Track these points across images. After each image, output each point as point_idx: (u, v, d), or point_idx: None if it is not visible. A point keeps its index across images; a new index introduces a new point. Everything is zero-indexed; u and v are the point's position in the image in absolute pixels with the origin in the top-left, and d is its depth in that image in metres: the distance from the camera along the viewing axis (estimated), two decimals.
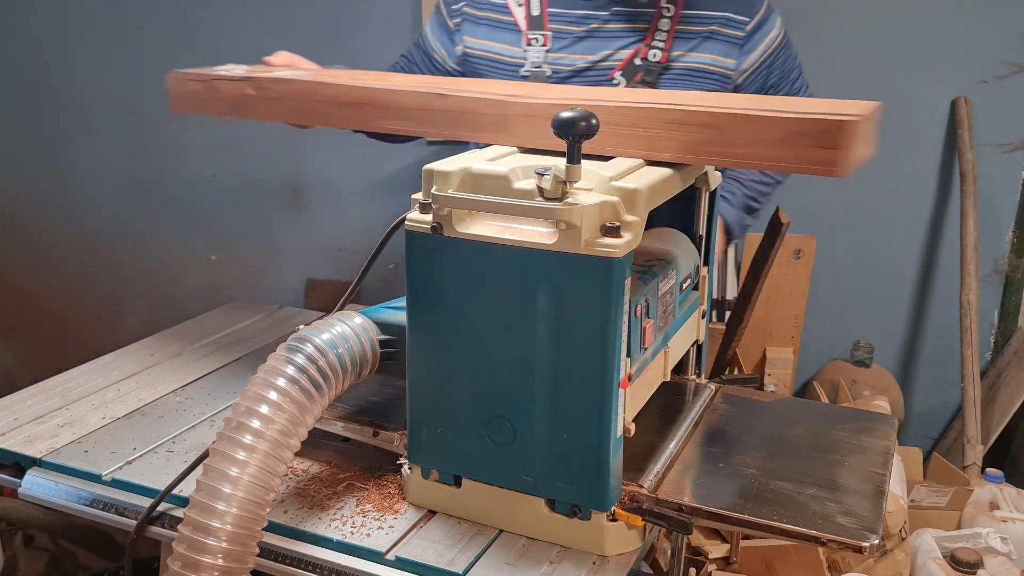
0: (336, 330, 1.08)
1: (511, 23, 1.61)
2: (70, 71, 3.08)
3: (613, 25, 1.57)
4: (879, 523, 0.99)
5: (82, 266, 3.27)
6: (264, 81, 1.32)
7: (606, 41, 1.58)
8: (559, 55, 1.58)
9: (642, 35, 1.57)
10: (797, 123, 0.97)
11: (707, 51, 1.58)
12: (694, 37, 1.57)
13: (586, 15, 1.59)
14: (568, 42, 1.58)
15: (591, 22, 1.58)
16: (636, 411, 1.09)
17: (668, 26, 1.56)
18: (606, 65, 1.57)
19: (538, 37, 1.58)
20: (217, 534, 0.93)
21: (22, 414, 1.34)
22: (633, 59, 1.56)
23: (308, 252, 3.19)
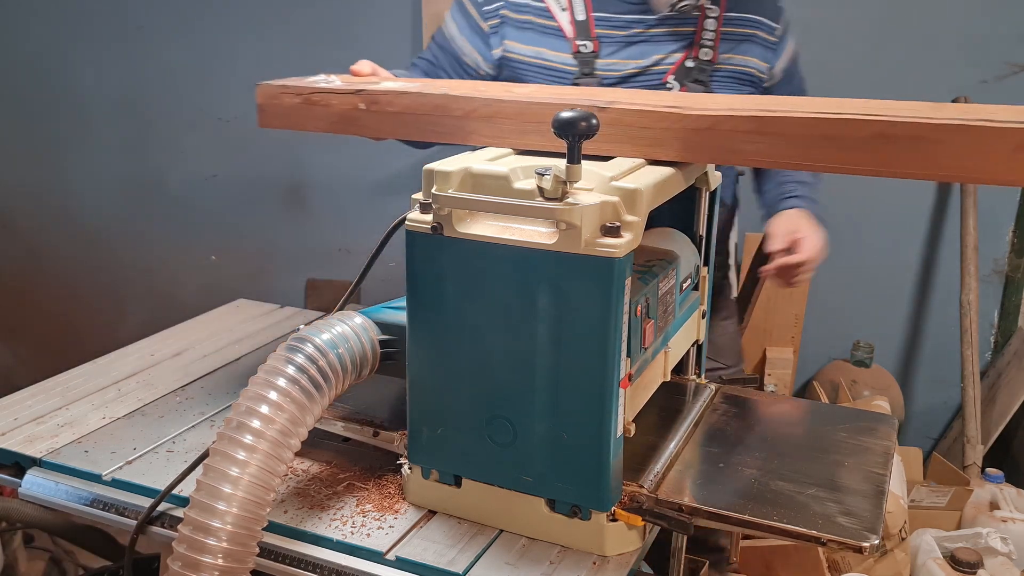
0: (336, 330, 1.08)
1: (555, 28, 1.57)
2: (70, 71, 3.08)
3: (659, 30, 1.54)
4: (879, 523, 0.99)
5: (82, 266, 3.27)
6: (378, 94, 1.20)
7: (655, 45, 1.55)
8: (608, 61, 1.55)
9: (688, 39, 1.55)
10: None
11: (747, 53, 1.58)
12: (736, 39, 1.56)
13: (632, 20, 1.55)
14: (616, 47, 1.55)
15: (636, 27, 1.55)
16: (636, 411, 1.09)
17: (714, 26, 1.55)
18: (657, 69, 1.54)
19: (587, 44, 1.54)
20: (217, 534, 0.93)
21: (22, 414, 1.34)
22: (685, 61, 1.54)
23: (308, 252, 3.19)
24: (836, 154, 0.97)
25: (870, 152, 0.95)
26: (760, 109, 1.00)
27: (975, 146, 0.91)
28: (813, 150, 0.98)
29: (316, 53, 2.94)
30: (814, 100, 1.19)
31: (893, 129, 0.94)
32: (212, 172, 3.14)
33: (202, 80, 3.04)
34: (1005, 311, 2.78)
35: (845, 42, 2.83)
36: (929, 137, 0.93)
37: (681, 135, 1.03)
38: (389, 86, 1.22)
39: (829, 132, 0.96)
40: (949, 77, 2.74)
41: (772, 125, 0.99)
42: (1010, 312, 2.78)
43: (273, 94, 1.29)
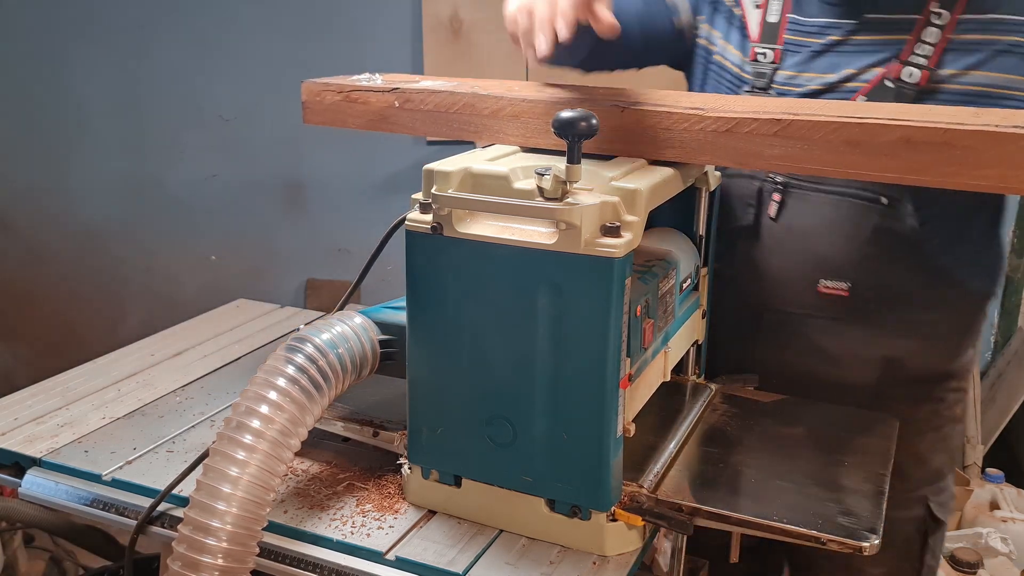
0: (336, 330, 1.08)
1: (741, 22, 1.36)
2: (70, 71, 3.08)
3: (860, 37, 1.27)
4: (879, 523, 1.00)
5: (82, 266, 3.27)
6: (412, 93, 1.21)
7: (849, 57, 1.28)
8: (789, 73, 1.31)
9: (897, 48, 1.25)
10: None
11: (999, 68, 1.21)
12: (980, 49, 1.21)
13: (828, 25, 1.29)
14: (802, 58, 1.30)
15: (832, 33, 1.29)
16: (636, 411, 1.09)
17: (936, 36, 1.22)
18: (848, 87, 1.27)
19: (766, 52, 1.32)
20: (217, 534, 0.93)
21: (22, 414, 1.34)
22: (883, 80, 1.25)
23: (308, 252, 3.19)
24: (860, 159, 0.95)
25: (895, 158, 0.93)
26: (783, 112, 0.99)
27: (1006, 154, 0.88)
28: (836, 155, 0.96)
29: (316, 53, 2.95)
30: (844, 104, 1.17)
31: (919, 135, 0.91)
32: (212, 172, 3.14)
33: (202, 80, 3.04)
34: (1005, 311, 2.78)
35: None
36: (957, 144, 0.90)
37: (700, 136, 1.03)
38: (424, 85, 1.23)
39: (853, 137, 0.95)
40: None
41: (794, 129, 0.97)
42: (1010, 312, 2.78)
43: (316, 91, 1.31)
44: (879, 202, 1.26)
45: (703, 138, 1.03)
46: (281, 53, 2.97)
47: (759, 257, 1.36)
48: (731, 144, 1.02)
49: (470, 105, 1.16)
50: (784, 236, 1.33)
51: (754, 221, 1.35)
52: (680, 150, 1.05)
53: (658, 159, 1.08)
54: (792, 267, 1.34)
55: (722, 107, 1.03)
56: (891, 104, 1.20)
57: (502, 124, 1.14)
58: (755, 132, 1.00)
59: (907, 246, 1.28)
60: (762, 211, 1.35)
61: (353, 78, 1.34)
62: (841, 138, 0.95)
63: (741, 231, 1.38)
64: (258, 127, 3.08)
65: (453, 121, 1.18)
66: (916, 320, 1.33)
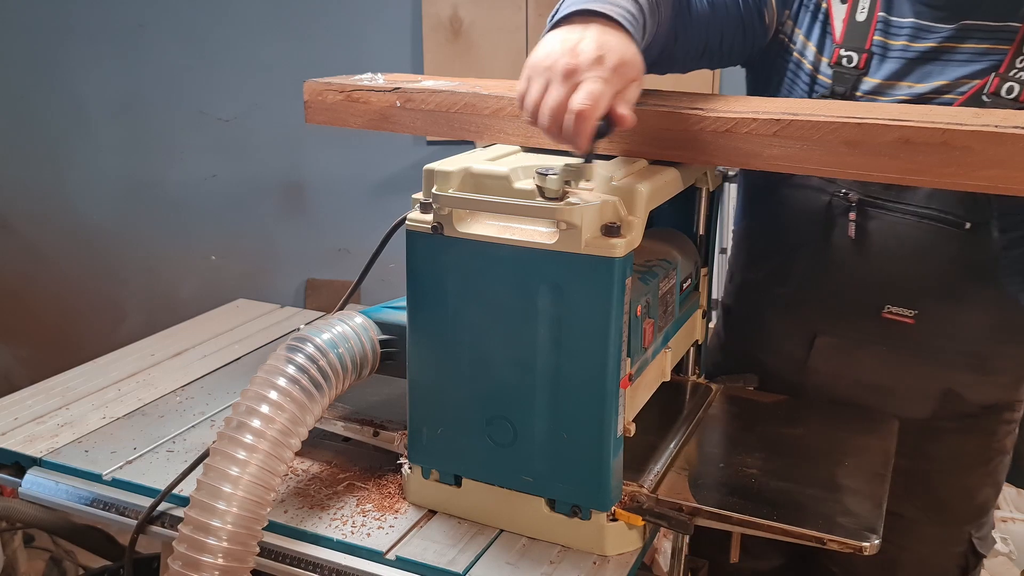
0: (336, 330, 1.08)
1: (827, 17, 1.24)
2: (70, 71, 3.08)
3: (957, 45, 1.16)
4: (879, 523, 1.00)
5: (82, 266, 3.27)
6: (413, 93, 1.20)
7: (943, 67, 1.17)
8: (876, 82, 1.21)
9: (997, 60, 1.14)
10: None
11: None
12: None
13: (922, 28, 1.18)
14: (891, 66, 1.20)
15: (927, 39, 1.18)
16: (636, 411, 1.09)
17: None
18: (940, 99, 1.17)
19: (852, 56, 1.21)
20: (217, 533, 0.93)
21: (22, 414, 1.34)
22: (979, 94, 1.15)
23: (308, 252, 3.19)
24: (859, 160, 0.95)
25: (894, 158, 0.93)
26: (782, 112, 0.99)
27: (1007, 155, 0.87)
28: (836, 155, 0.96)
29: (316, 53, 2.95)
30: (844, 104, 1.15)
31: (918, 135, 0.91)
32: (212, 172, 3.14)
33: (202, 80, 3.04)
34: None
35: None
36: (956, 144, 0.89)
37: (700, 137, 1.03)
38: (426, 85, 1.23)
39: (851, 137, 0.95)
40: None
41: (793, 129, 0.97)
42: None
43: (318, 91, 1.31)
44: (962, 227, 1.18)
45: (703, 138, 1.03)
46: (281, 53, 2.97)
47: (821, 277, 1.29)
48: (731, 144, 1.02)
49: (471, 105, 1.16)
50: (851, 256, 1.25)
51: (819, 238, 1.27)
52: (680, 151, 1.05)
53: (659, 159, 1.08)
54: (857, 290, 1.26)
55: (722, 108, 1.03)
56: (892, 104, 1.17)
57: (503, 124, 1.14)
58: (754, 132, 1.00)
59: (983, 275, 1.21)
60: (831, 228, 1.26)
61: (355, 78, 1.34)
62: (840, 138, 0.95)
63: (802, 247, 1.29)
64: (258, 127, 3.08)
65: (454, 121, 1.18)
66: (981, 353, 1.26)
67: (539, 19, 2.90)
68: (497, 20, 2.91)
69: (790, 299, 1.33)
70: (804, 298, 1.31)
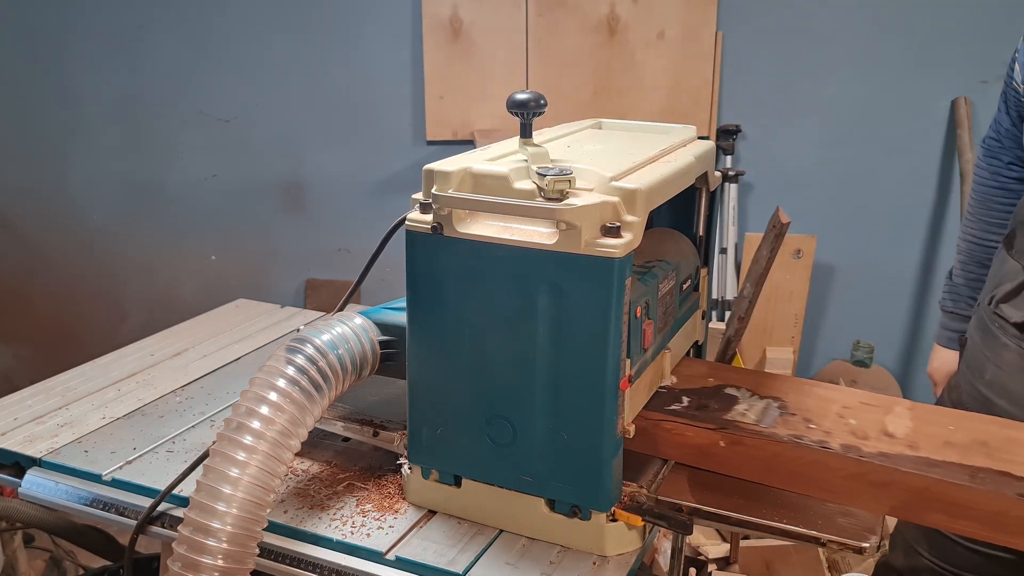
0: (336, 331, 1.08)
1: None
2: (70, 71, 3.08)
3: None
4: (878, 523, 0.99)
5: (82, 266, 3.27)
6: (742, 436, 1.06)
7: None
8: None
9: None
10: None
11: None
12: None
13: None
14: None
15: None
16: (636, 412, 1.09)
17: None
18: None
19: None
20: (217, 535, 0.93)
21: (22, 414, 1.34)
22: None
23: (308, 252, 3.20)
24: None
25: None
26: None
27: None
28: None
29: (316, 53, 2.95)
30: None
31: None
32: (212, 172, 3.14)
33: (202, 80, 3.04)
34: None
35: (846, 41, 2.83)
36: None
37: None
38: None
39: None
40: (949, 77, 2.74)
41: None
42: None
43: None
44: None
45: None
46: (281, 53, 2.98)
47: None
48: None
49: (820, 463, 1.03)
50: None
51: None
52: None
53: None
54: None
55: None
56: None
57: (861, 488, 1.01)
58: None
59: None
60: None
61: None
62: None
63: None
64: (258, 127, 3.08)
65: (797, 477, 1.04)
66: None
67: (539, 19, 2.90)
68: (497, 20, 2.91)
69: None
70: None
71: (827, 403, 1.13)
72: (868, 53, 2.80)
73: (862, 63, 2.81)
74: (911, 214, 2.86)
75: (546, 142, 1.12)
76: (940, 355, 1.61)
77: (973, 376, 1.42)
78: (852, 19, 2.79)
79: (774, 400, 1.14)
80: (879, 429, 1.07)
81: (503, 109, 1.03)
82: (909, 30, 2.72)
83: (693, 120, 2.84)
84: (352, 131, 3.05)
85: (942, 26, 2.69)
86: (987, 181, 1.53)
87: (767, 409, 1.12)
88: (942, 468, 0.98)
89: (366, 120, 3.03)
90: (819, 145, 2.94)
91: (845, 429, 1.07)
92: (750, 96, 2.94)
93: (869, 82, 2.82)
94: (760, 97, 2.93)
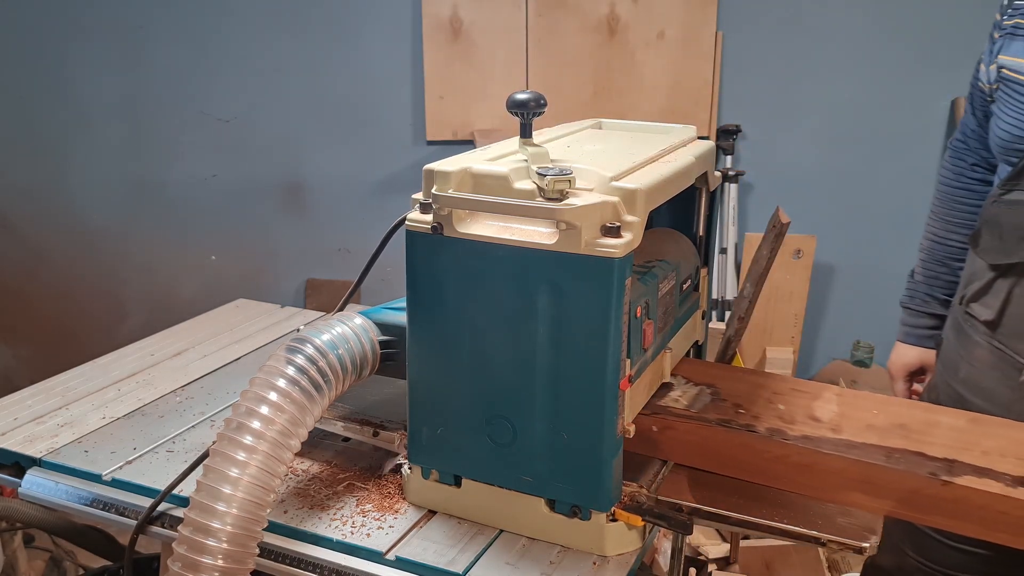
0: (336, 331, 1.08)
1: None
2: (71, 71, 3.08)
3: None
4: (878, 523, 0.99)
5: (82, 266, 3.27)
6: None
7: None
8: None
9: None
10: None
11: None
12: None
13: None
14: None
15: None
16: (636, 412, 1.09)
17: None
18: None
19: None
20: (217, 535, 0.93)
21: (22, 414, 1.34)
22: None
23: (308, 252, 3.20)
24: None
25: None
26: None
27: None
28: None
29: (316, 53, 2.95)
30: None
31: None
32: (212, 172, 3.14)
33: (202, 80, 3.04)
34: None
35: (846, 42, 2.83)
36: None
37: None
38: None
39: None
40: (949, 77, 2.74)
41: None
42: None
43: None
44: None
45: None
46: (281, 54, 2.98)
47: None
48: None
49: (747, 446, 1.07)
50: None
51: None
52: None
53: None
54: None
55: None
56: None
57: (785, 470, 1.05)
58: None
59: None
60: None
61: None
62: None
63: (1010, 270, 1.29)
64: (258, 127, 3.08)
65: (726, 460, 1.08)
66: None
67: (539, 19, 2.90)
68: (497, 20, 2.91)
69: (995, 326, 1.34)
70: (1010, 326, 1.32)
71: (758, 389, 1.18)
72: (868, 53, 2.80)
73: (862, 63, 2.81)
74: (911, 214, 2.86)
75: (546, 142, 1.12)
76: (897, 350, 1.67)
77: (948, 375, 1.45)
78: (852, 19, 2.79)
79: (707, 387, 1.19)
80: (806, 414, 1.12)
81: (503, 109, 1.02)
82: (909, 30, 2.72)
83: (693, 120, 2.84)
84: (352, 131, 3.05)
85: (942, 26, 2.69)
86: (951, 182, 1.56)
87: (699, 395, 1.16)
88: (860, 450, 1.03)
89: (366, 120, 3.03)
90: (819, 145, 2.94)
91: (773, 414, 1.12)
92: (750, 96, 2.94)
93: (869, 82, 2.82)
94: (760, 97, 2.93)
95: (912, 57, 2.75)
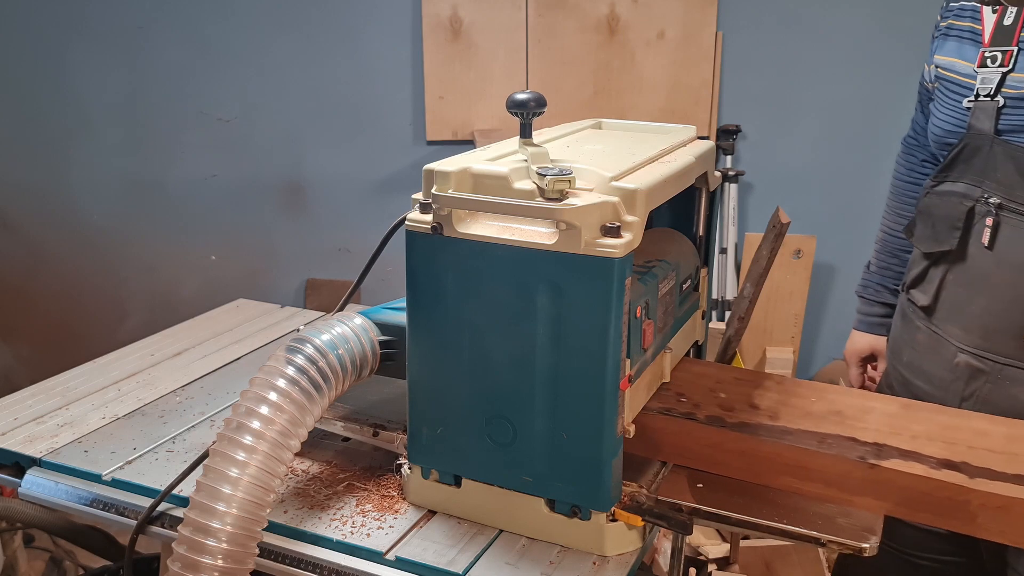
0: (336, 331, 1.08)
1: (978, 33, 1.32)
2: (70, 71, 3.08)
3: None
4: (879, 524, 0.99)
5: (82, 266, 3.27)
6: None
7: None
8: (1021, 76, 1.25)
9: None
10: None
11: None
12: None
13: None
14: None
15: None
16: (636, 412, 1.09)
17: None
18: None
19: (996, 55, 1.26)
20: (217, 535, 0.93)
21: (22, 414, 1.34)
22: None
23: (308, 252, 3.20)
24: None
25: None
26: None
27: None
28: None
29: (316, 53, 2.95)
30: None
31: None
32: (212, 172, 3.14)
33: (202, 80, 3.04)
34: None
35: (845, 41, 2.83)
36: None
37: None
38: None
39: None
40: None
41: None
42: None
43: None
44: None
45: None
46: (281, 53, 2.97)
47: (960, 290, 1.31)
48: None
49: (686, 434, 1.10)
50: (992, 269, 1.26)
51: (958, 247, 1.30)
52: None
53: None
54: (999, 306, 1.26)
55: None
56: None
57: (722, 456, 1.08)
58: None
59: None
60: (969, 237, 1.29)
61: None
62: None
63: (942, 257, 1.33)
64: (258, 127, 3.08)
65: (666, 448, 1.11)
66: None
67: (539, 19, 2.90)
68: (497, 20, 2.91)
69: (930, 312, 1.38)
70: (945, 313, 1.36)
71: (701, 378, 1.22)
72: (868, 53, 2.80)
73: (862, 63, 2.81)
74: None
75: (546, 142, 1.12)
76: (852, 337, 1.72)
77: (895, 359, 1.51)
78: (852, 19, 2.79)
79: None
80: (746, 402, 1.14)
81: (503, 109, 1.03)
82: (909, 30, 2.72)
83: (693, 120, 2.84)
84: (352, 131, 3.05)
85: None
86: (903, 176, 1.61)
87: None
88: (794, 435, 1.07)
89: (366, 120, 3.03)
90: (819, 145, 2.94)
91: (714, 402, 1.14)
92: (750, 96, 2.94)
93: (869, 82, 2.82)
94: (760, 97, 2.93)
95: (912, 57, 2.74)
